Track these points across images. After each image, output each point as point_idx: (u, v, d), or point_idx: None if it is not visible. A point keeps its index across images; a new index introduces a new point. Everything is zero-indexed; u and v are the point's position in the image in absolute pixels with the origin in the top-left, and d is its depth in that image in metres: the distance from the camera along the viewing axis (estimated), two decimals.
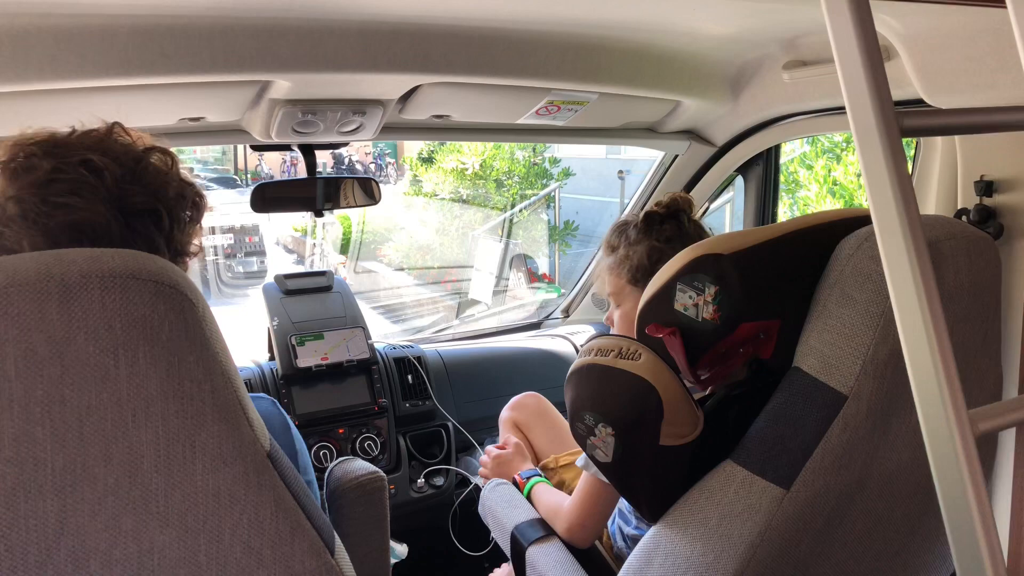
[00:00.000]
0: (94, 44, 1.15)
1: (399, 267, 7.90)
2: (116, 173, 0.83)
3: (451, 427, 2.19)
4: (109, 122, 0.88)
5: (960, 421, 0.58)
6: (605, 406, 1.01)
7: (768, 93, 1.83)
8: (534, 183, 7.79)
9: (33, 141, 0.83)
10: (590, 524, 1.32)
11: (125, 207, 0.83)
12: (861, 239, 0.96)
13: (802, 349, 0.97)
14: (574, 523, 1.33)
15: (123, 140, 0.88)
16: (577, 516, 1.32)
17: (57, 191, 0.80)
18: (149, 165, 0.88)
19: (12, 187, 0.81)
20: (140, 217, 0.85)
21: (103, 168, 0.82)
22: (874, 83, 0.60)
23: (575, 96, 1.68)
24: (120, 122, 0.89)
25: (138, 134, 0.90)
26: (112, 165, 0.83)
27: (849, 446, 0.93)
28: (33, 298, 0.59)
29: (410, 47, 1.39)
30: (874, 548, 1.08)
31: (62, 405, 0.60)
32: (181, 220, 0.90)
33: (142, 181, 0.85)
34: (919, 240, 0.59)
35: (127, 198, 0.84)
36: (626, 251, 1.41)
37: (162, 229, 0.87)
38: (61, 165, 0.81)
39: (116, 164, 0.84)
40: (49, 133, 0.85)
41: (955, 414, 0.58)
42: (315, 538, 0.75)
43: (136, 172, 0.85)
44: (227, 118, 1.55)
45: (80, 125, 0.87)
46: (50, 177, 0.81)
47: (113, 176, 0.83)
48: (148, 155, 0.88)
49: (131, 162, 0.86)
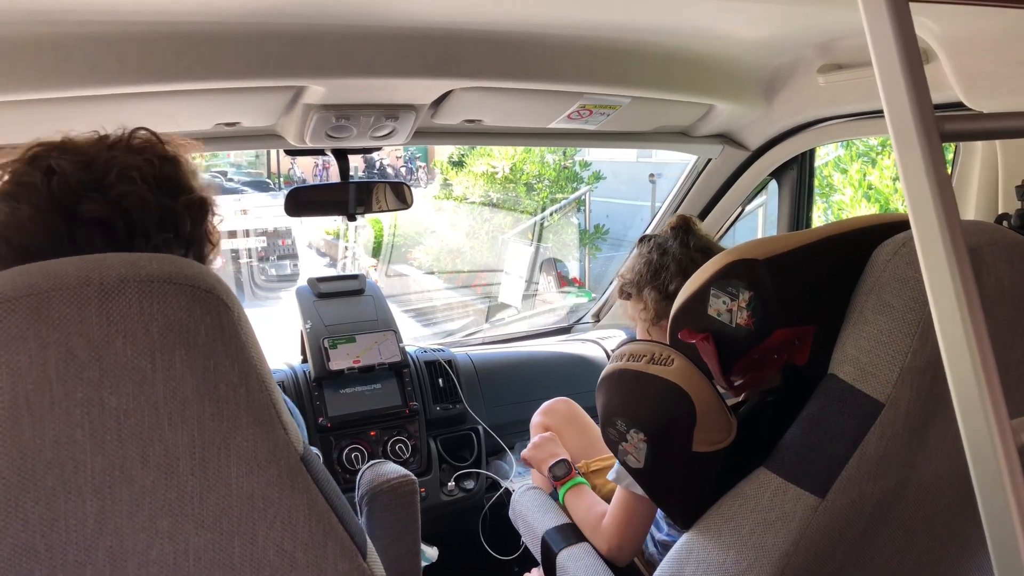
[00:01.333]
0: (133, 51, 1.17)
1: (429, 271, 7.93)
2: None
3: (481, 431, 2.19)
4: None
5: (1002, 430, 0.56)
6: (637, 412, 1.01)
7: (802, 97, 1.81)
8: (564, 187, 7.78)
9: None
10: (628, 543, 1.31)
11: (72, 216, 0.79)
12: (898, 244, 0.94)
13: (838, 356, 0.96)
14: (613, 544, 1.32)
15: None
16: (616, 536, 1.31)
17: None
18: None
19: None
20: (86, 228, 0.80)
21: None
22: (913, 86, 0.59)
23: (607, 100, 1.67)
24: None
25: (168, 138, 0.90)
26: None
27: (886, 455, 0.92)
28: (73, 302, 0.60)
29: (442, 52, 1.39)
30: (911, 558, 1.06)
31: (101, 407, 0.61)
32: (145, 232, 0.83)
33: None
34: (959, 246, 0.58)
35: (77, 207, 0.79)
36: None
37: (113, 242, 0.81)
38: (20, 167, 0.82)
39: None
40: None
41: (997, 423, 0.56)
42: (347, 541, 0.75)
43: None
44: (262, 123, 1.57)
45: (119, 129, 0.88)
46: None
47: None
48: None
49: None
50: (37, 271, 0.61)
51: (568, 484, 1.51)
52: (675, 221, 1.46)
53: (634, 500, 1.24)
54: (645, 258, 1.43)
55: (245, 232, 6.82)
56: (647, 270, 1.41)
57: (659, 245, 1.42)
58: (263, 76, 1.27)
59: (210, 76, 1.23)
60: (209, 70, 1.22)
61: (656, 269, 1.40)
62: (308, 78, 1.33)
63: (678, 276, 1.36)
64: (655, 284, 1.39)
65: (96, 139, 0.86)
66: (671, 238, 1.43)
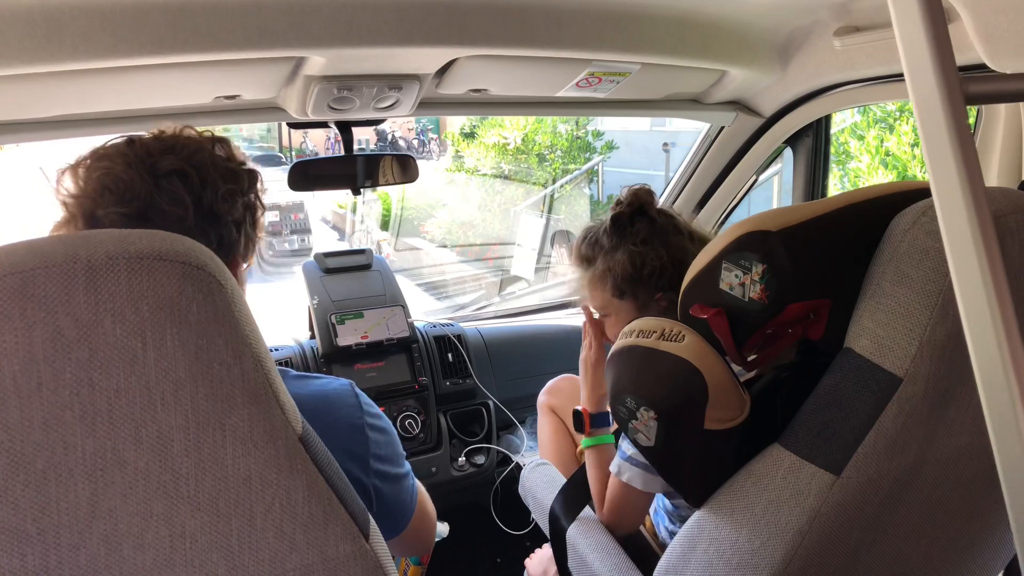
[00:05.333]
0: (127, 22, 1.14)
1: (441, 244, 7.92)
2: (151, 147, 0.93)
3: (492, 405, 2.18)
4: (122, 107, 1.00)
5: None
6: (647, 390, 0.99)
7: (818, 61, 1.76)
8: (577, 157, 7.72)
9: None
10: (625, 524, 1.31)
11: (154, 170, 0.91)
12: (918, 213, 0.91)
13: (854, 330, 0.93)
14: (610, 523, 1.32)
15: (186, 135, 0.98)
16: (609, 519, 1.31)
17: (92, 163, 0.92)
18: (189, 142, 0.96)
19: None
20: (167, 177, 0.92)
21: (135, 140, 0.94)
22: (936, 45, 0.55)
23: (617, 67, 1.63)
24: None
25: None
26: (148, 140, 0.95)
27: (904, 431, 0.89)
28: (60, 280, 0.58)
29: (445, 19, 1.36)
30: (929, 535, 1.04)
31: (91, 388, 0.59)
32: (212, 181, 0.95)
33: (175, 151, 0.94)
34: (984, 214, 0.55)
35: (156, 164, 0.92)
36: (605, 263, 1.35)
37: (191, 187, 0.93)
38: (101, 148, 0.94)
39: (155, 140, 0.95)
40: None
41: (1021, 398, 0.54)
42: (349, 522, 0.74)
43: (171, 146, 0.94)
44: (263, 95, 1.54)
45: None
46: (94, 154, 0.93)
47: (145, 148, 0.93)
48: (202, 144, 0.97)
49: (170, 139, 0.96)
50: (23, 248, 0.59)
51: (591, 441, 1.44)
52: (643, 197, 1.39)
53: (630, 491, 1.22)
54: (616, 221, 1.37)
55: None
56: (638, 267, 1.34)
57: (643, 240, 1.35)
58: (261, 47, 1.24)
59: (207, 48, 1.20)
60: (206, 41, 1.19)
61: (629, 223, 1.36)
62: (307, 48, 1.30)
63: (652, 240, 1.33)
64: (625, 243, 1.34)
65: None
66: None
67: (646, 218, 1.35)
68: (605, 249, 1.36)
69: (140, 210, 0.89)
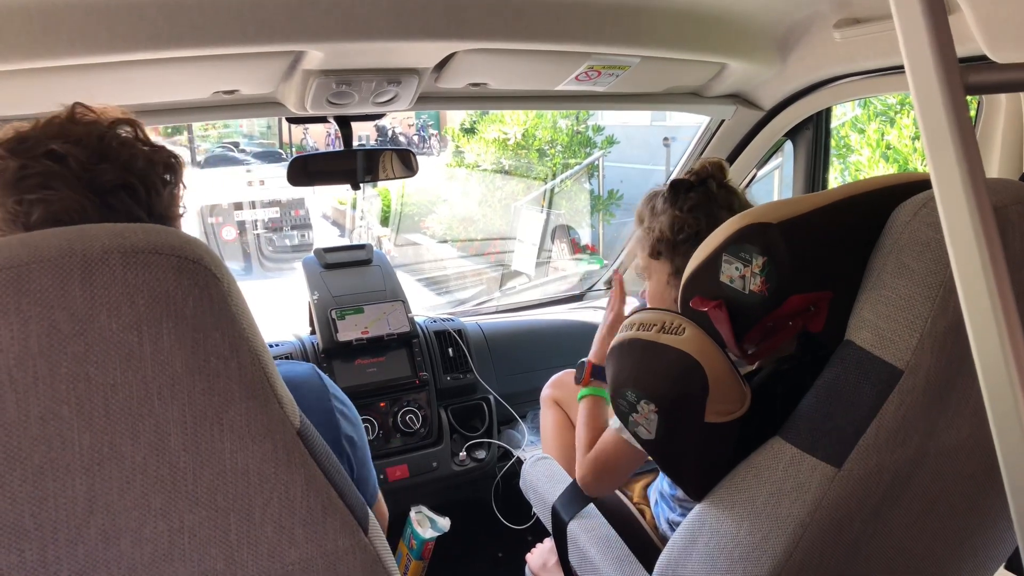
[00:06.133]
0: (124, 17, 1.13)
1: (442, 239, 7.92)
2: (81, 157, 0.83)
3: (492, 400, 2.18)
4: (69, 104, 0.88)
5: None
6: (648, 383, 0.98)
7: (818, 54, 1.75)
8: (577, 152, 7.71)
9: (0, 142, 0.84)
10: (607, 481, 1.31)
11: (97, 187, 0.83)
12: (919, 205, 0.90)
13: (855, 322, 0.93)
14: (588, 474, 1.31)
15: (86, 119, 0.87)
16: (593, 473, 1.30)
17: (28, 187, 0.81)
18: (113, 139, 0.87)
19: None
20: (114, 193, 0.85)
21: (67, 155, 0.82)
22: (936, 34, 0.55)
23: (616, 60, 1.63)
24: (81, 102, 0.89)
25: (103, 108, 0.90)
26: (75, 149, 0.83)
27: (905, 423, 0.89)
28: (55, 274, 0.58)
29: (444, 13, 1.35)
30: (931, 527, 1.04)
31: (87, 383, 0.59)
32: (157, 186, 0.89)
33: (109, 158, 0.85)
34: (984, 205, 0.55)
35: (97, 178, 0.84)
36: (650, 223, 1.37)
37: (139, 200, 0.87)
38: (27, 161, 0.82)
39: (79, 147, 0.84)
40: (14, 129, 0.85)
41: (1022, 389, 0.54)
42: (348, 516, 0.74)
43: (101, 150, 0.85)
44: (261, 90, 1.53)
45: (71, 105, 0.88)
46: (19, 175, 0.81)
47: (78, 160, 0.83)
48: (112, 129, 0.88)
49: (94, 141, 0.85)
50: (17, 243, 0.59)
51: (590, 391, 1.46)
52: (711, 169, 1.38)
53: (627, 448, 1.23)
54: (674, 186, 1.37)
55: (252, 204, 6.82)
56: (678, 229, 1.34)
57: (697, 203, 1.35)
58: (258, 41, 1.24)
59: (204, 42, 1.19)
60: (203, 36, 1.19)
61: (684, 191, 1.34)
62: (305, 42, 1.29)
63: (700, 208, 1.32)
64: (674, 208, 1.34)
65: (54, 120, 0.87)
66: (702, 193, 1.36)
67: (703, 188, 1.35)
68: (656, 211, 1.36)
69: None
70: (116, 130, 0.88)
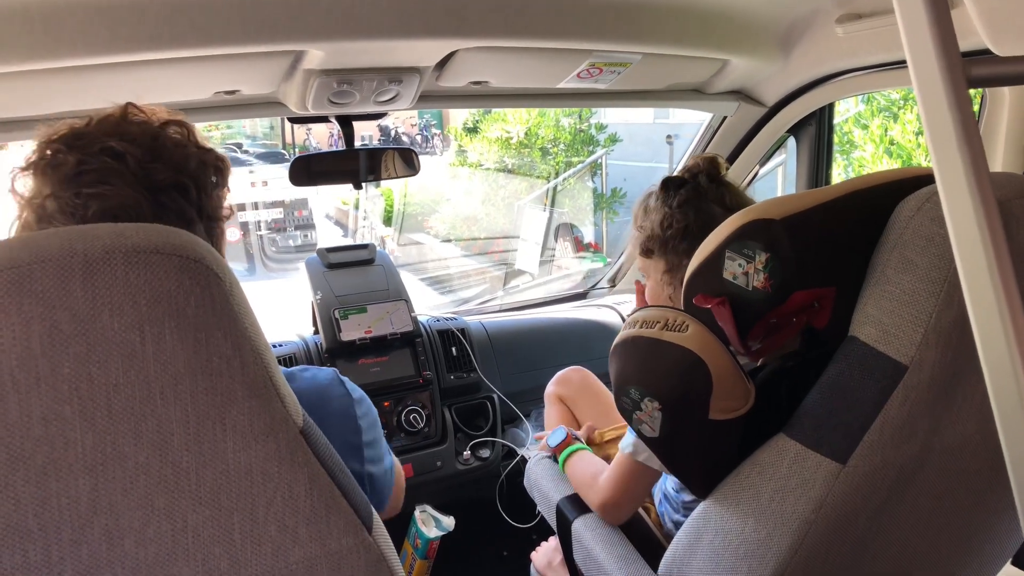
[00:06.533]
0: (124, 17, 1.13)
1: (445, 238, 7.92)
2: (137, 155, 0.85)
3: (496, 399, 2.18)
4: (121, 103, 0.91)
5: None
6: (651, 380, 0.98)
7: (820, 49, 1.75)
8: (580, 150, 7.71)
9: (56, 137, 0.85)
10: (624, 503, 1.29)
11: (152, 185, 0.85)
12: (922, 199, 0.90)
13: (859, 317, 0.92)
14: (607, 500, 1.29)
15: (138, 119, 0.89)
16: (611, 494, 1.29)
17: (87, 182, 0.83)
18: (167, 140, 0.89)
19: (47, 185, 0.84)
20: (167, 192, 0.87)
21: (124, 152, 0.84)
22: (938, 28, 0.55)
23: (618, 57, 1.63)
24: (132, 102, 0.91)
25: (152, 109, 0.92)
26: (132, 148, 0.85)
27: (910, 419, 0.89)
28: (56, 274, 0.58)
29: (444, 11, 1.35)
30: (936, 523, 1.03)
31: (89, 383, 0.59)
32: (207, 187, 0.92)
33: (163, 157, 0.87)
34: (988, 199, 0.54)
35: (152, 176, 0.85)
36: (643, 222, 1.36)
37: (191, 200, 0.89)
38: (85, 157, 0.84)
39: (135, 146, 0.86)
40: (68, 126, 0.87)
41: None
42: (351, 516, 0.73)
43: (155, 149, 0.87)
44: (262, 90, 1.53)
45: (107, 103, 0.90)
46: (78, 170, 0.83)
47: (135, 158, 0.85)
48: (165, 130, 0.90)
49: (149, 140, 0.87)
50: (19, 244, 0.59)
51: (568, 450, 1.48)
52: (702, 165, 1.37)
53: (638, 467, 1.22)
54: (665, 184, 1.36)
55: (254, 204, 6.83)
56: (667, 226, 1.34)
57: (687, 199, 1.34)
58: (259, 41, 1.23)
59: (204, 42, 1.19)
60: (203, 36, 1.19)
61: (675, 187, 1.34)
62: (306, 42, 1.29)
63: (688, 204, 1.31)
64: (665, 205, 1.33)
65: (109, 118, 0.89)
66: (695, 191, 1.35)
67: (694, 184, 1.34)
68: (649, 210, 1.36)
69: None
70: (167, 130, 0.90)
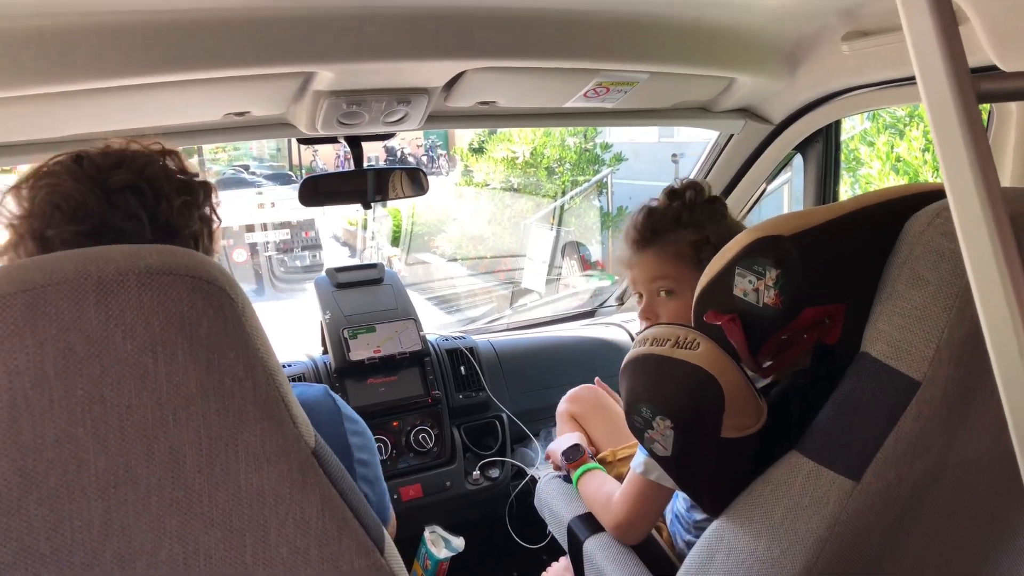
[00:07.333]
0: (136, 41, 1.14)
1: (452, 258, 7.93)
2: (99, 161, 0.90)
3: (505, 418, 2.17)
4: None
5: None
6: (663, 398, 0.98)
7: (826, 67, 1.75)
8: (586, 169, 7.73)
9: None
10: (638, 524, 1.28)
11: (107, 186, 0.89)
12: (932, 215, 0.90)
13: (870, 334, 0.92)
14: (622, 521, 1.29)
15: (132, 149, 0.95)
16: (625, 515, 1.28)
17: (40, 177, 0.89)
18: (139, 155, 0.94)
19: (11, 191, 0.90)
20: (121, 193, 0.89)
21: (84, 156, 0.90)
22: (947, 44, 0.55)
23: (624, 77, 1.63)
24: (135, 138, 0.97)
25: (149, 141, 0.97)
26: (97, 157, 0.91)
27: (923, 435, 0.88)
28: (71, 297, 0.58)
29: (454, 32, 1.36)
30: (951, 541, 1.02)
31: (102, 405, 0.59)
32: (166, 194, 0.92)
33: (124, 166, 0.91)
34: (999, 213, 0.54)
35: (108, 179, 0.89)
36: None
37: (145, 203, 0.90)
38: (52, 166, 0.90)
39: (102, 156, 0.91)
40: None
41: None
42: (363, 537, 0.73)
43: (121, 158, 0.92)
44: (272, 112, 1.54)
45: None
46: (37, 172, 0.90)
47: (95, 164, 0.90)
48: (155, 158, 0.95)
49: (119, 154, 0.93)
50: (33, 266, 0.60)
51: (583, 468, 1.47)
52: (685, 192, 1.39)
53: (650, 487, 1.21)
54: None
55: (263, 226, 6.87)
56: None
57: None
58: (269, 63, 1.25)
59: (215, 65, 1.20)
60: (214, 59, 1.20)
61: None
62: (316, 64, 1.30)
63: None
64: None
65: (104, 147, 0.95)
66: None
67: (665, 209, 1.38)
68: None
69: (94, 227, 0.86)
70: (155, 157, 0.94)
